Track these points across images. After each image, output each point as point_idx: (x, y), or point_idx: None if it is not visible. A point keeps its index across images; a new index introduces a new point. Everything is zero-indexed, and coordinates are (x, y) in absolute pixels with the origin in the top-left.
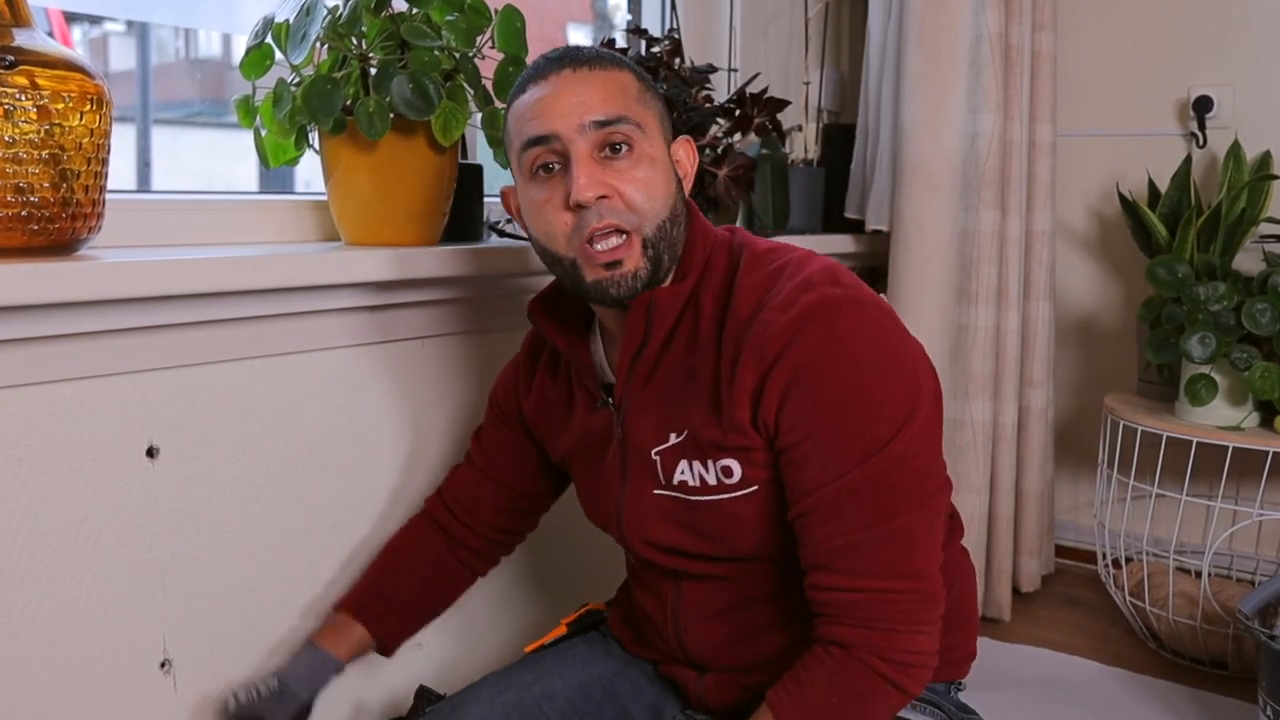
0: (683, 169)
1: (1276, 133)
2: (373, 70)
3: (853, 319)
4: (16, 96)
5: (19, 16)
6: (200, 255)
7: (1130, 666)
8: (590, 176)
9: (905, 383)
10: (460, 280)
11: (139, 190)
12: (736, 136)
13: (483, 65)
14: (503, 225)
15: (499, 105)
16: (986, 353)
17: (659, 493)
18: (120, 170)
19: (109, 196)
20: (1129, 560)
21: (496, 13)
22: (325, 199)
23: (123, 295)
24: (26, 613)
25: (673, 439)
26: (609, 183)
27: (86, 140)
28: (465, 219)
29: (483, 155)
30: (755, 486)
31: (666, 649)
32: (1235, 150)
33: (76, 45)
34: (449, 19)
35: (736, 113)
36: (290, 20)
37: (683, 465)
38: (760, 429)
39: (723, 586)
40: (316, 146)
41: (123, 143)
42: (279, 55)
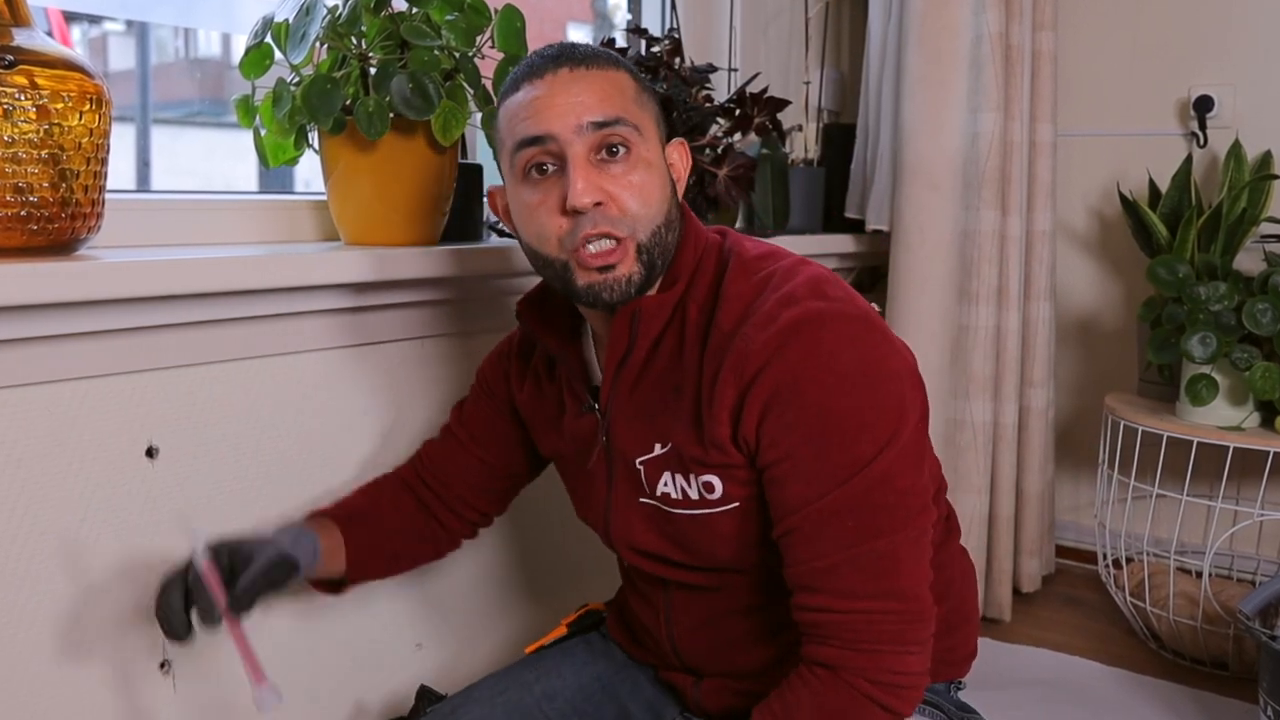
0: (677, 172)
1: (1277, 132)
2: (372, 70)
3: (836, 334)
4: (16, 96)
5: (18, 16)
6: (200, 255)
7: (1131, 667)
8: (587, 181)
9: (889, 401)
10: (460, 280)
11: (138, 190)
12: (737, 136)
13: (483, 65)
14: (502, 225)
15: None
16: (987, 353)
17: (644, 500)
18: (120, 170)
19: (108, 196)
20: (1129, 560)
21: (496, 12)
22: (325, 199)
23: (122, 295)
24: (26, 613)
25: (657, 450)
26: (605, 188)
27: (86, 140)
28: (465, 219)
29: (482, 155)
30: (736, 503)
31: (662, 654)
32: (1236, 150)
33: (76, 45)
34: (449, 18)
35: (736, 112)
36: (290, 20)
37: (666, 477)
38: (741, 446)
39: (709, 596)
40: (316, 146)
41: (122, 142)
42: (278, 55)
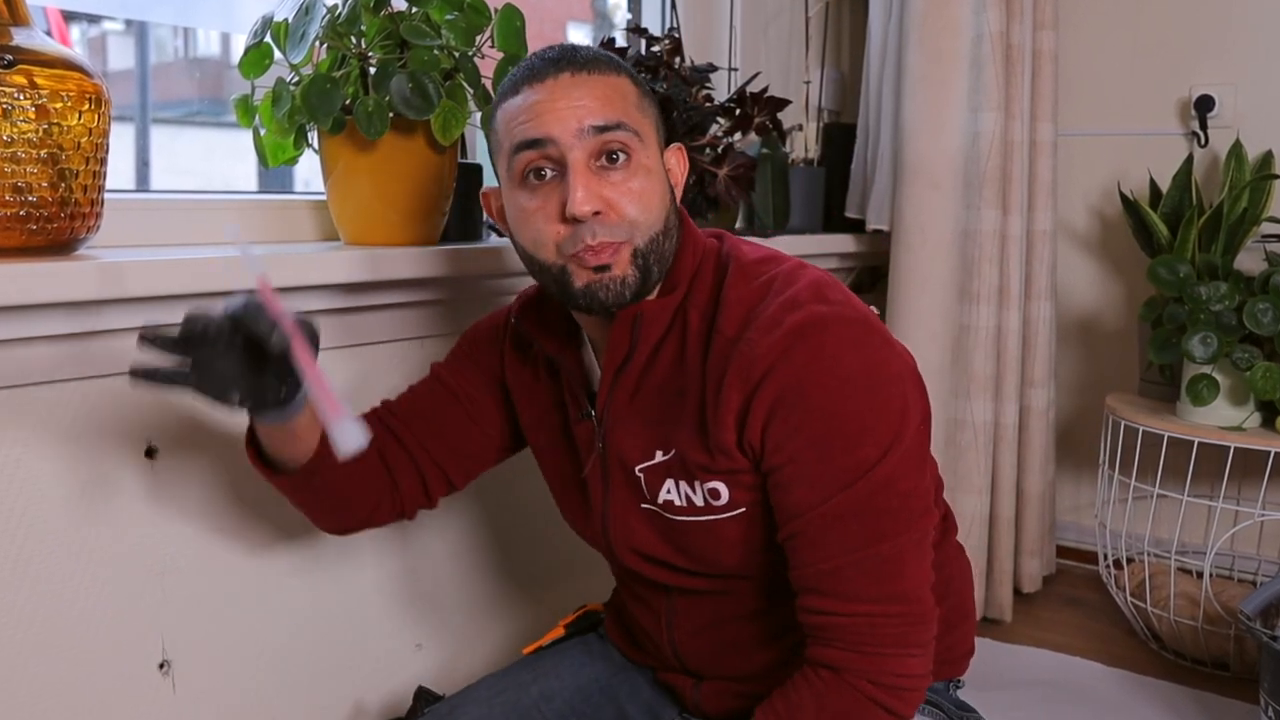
0: (675, 178)
1: (1278, 132)
2: (372, 69)
3: (839, 338)
4: (15, 96)
5: (17, 15)
6: (199, 255)
7: (1131, 667)
8: (587, 189)
9: (892, 404)
10: (459, 280)
11: (138, 190)
12: (737, 136)
13: (482, 64)
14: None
15: None
16: (988, 352)
17: (645, 507)
18: (119, 169)
19: (107, 196)
20: (1130, 561)
21: (496, 12)
22: (324, 198)
23: (122, 295)
24: (25, 613)
25: (658, 457)
26: (605, 195)
27: (85, 139)
28: (465, 219)
29: (482, 155)
30: (743, 509)
31: (662, 657)
32: (1237, 149)
33: (75, 44)
34: (448, 18)
35: (737, 112)
36: (289, 19)
37: (668, 485)
38: (746, 451)
39: (712, 601)
40: (315, 146)
41: (121, 142)
42: (278, 54)
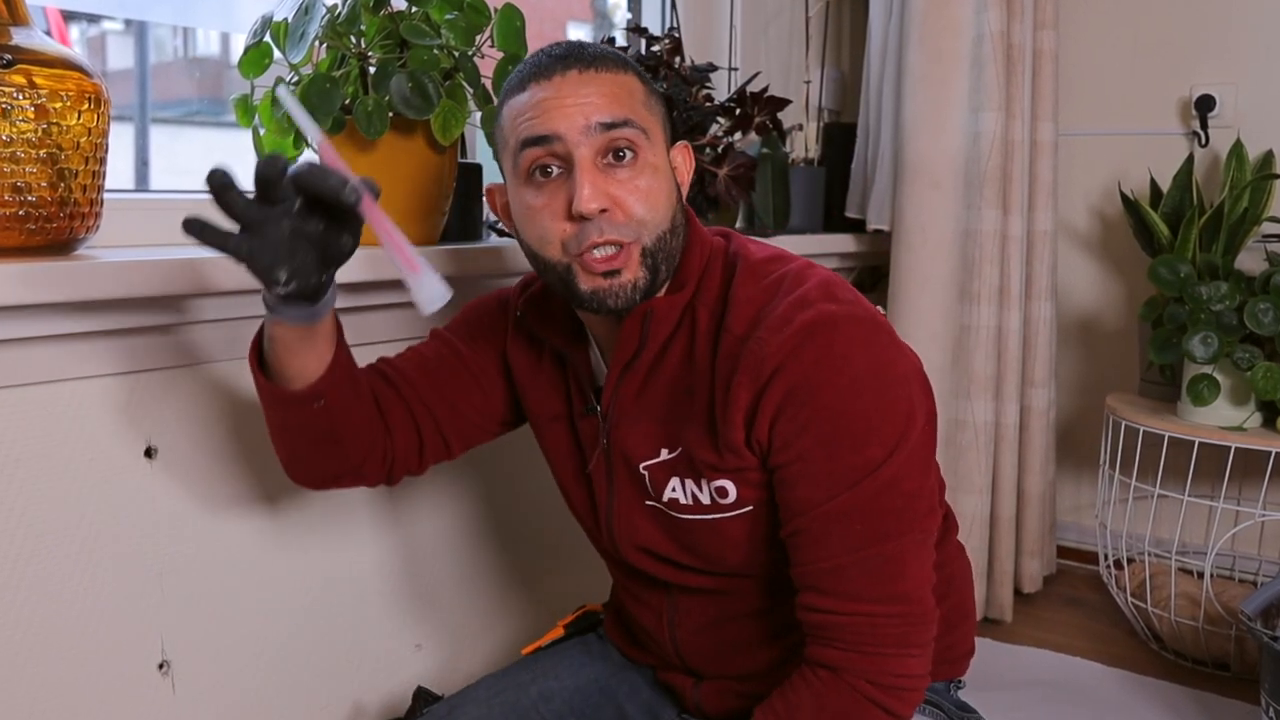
0: (681, 176)
1: (1279, 131)
2: (371, 69)
3: (849, 337)
4: (14, 95)
5: (16, 15)
6: (199, 255)
7: (1132, 667)
8: (594, 187)
9: (900, 404)
10: (459, 280)
11: (137, 189)
12: (737, 135)
13: (482, 64)
14: (502, 224)
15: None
16: (988, 352)
17: (649, 504)
18: (118, 169)
19: (107, 196)
20: (1131, 561)
21: (496, 11)
22: None
23: (121, 295)
24: (24, 614)
25: (664, 454)
26: (611, 193)
27: (84, 139)
28: (464, 218)
29: (482, 154)
30: (750, 507)
31: (662, 655)
32: (1238, 149)
33: (74, 44)
34: (448, 17)
35: (737, 112)
36: (289, 19)
37: (674, 483)
38: (754, 448)
39: (715, 599)
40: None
41: (121, 142)
42: (277, 54)
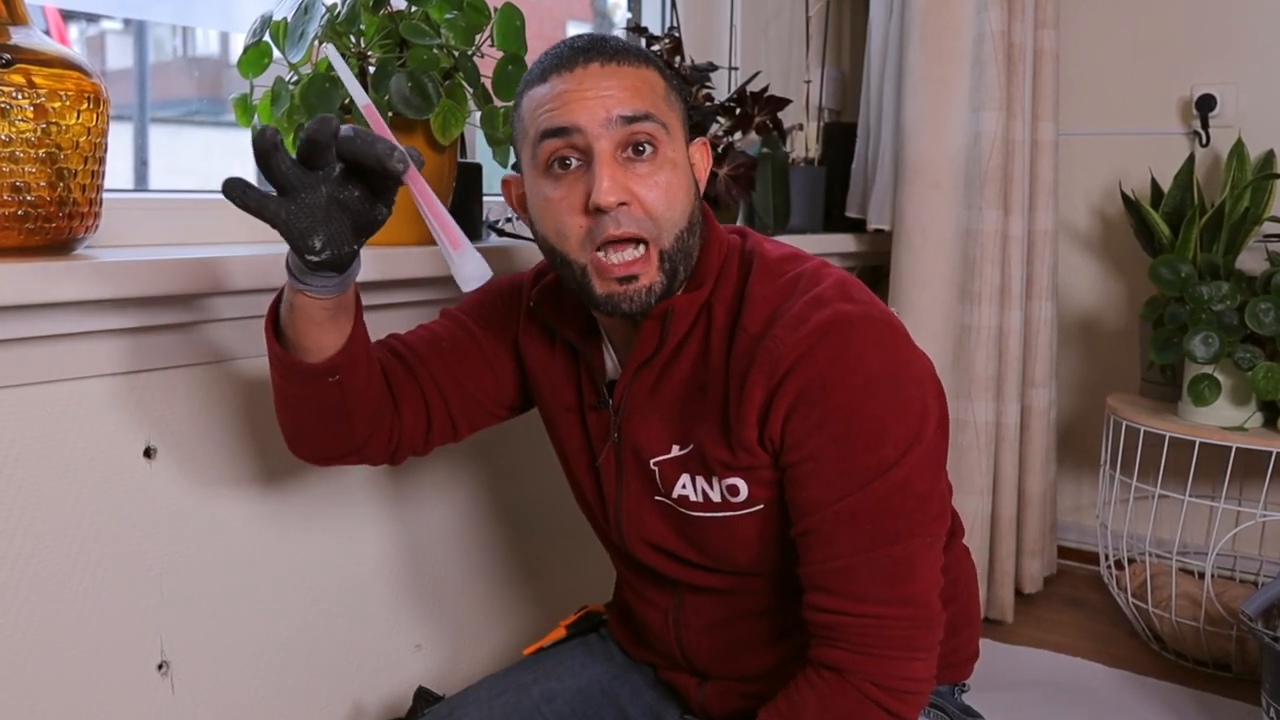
0: (698, 173)
1: None
2: (371, 69)
3: (864, 337)
4: (13, 95)
5: (16, 14)
6: (198, 255)
7: (1133, 668)
8: (613, 180)
9: (913, 406)
10: (448, 280)
11: (136, 189)
12: (737, 135)
13: (482, 64)
14: (502, 224)
15: (498, 104)
16: (989, 353)
17: (659, 499)
18: (117, 169)
19: (106, 195)
20: (1131, 561)
21: (496, 11)
22: None
23: (120, 295)
24: (23, 614)
25: (675, 451)
26: (630, 188)
27: (83, 139)
28: (464, 218)
29: (481, 154)
30: (761, 505)
31: (667, 654)
32: (1239, 149)
33: (74, 43)
34: (448, 17)
35: (737, 111)
36: (288, 18)
37: (684, 479)
38: (767, 446)
39: (722, 598)
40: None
41: (120, 141)
42: (277, 54)
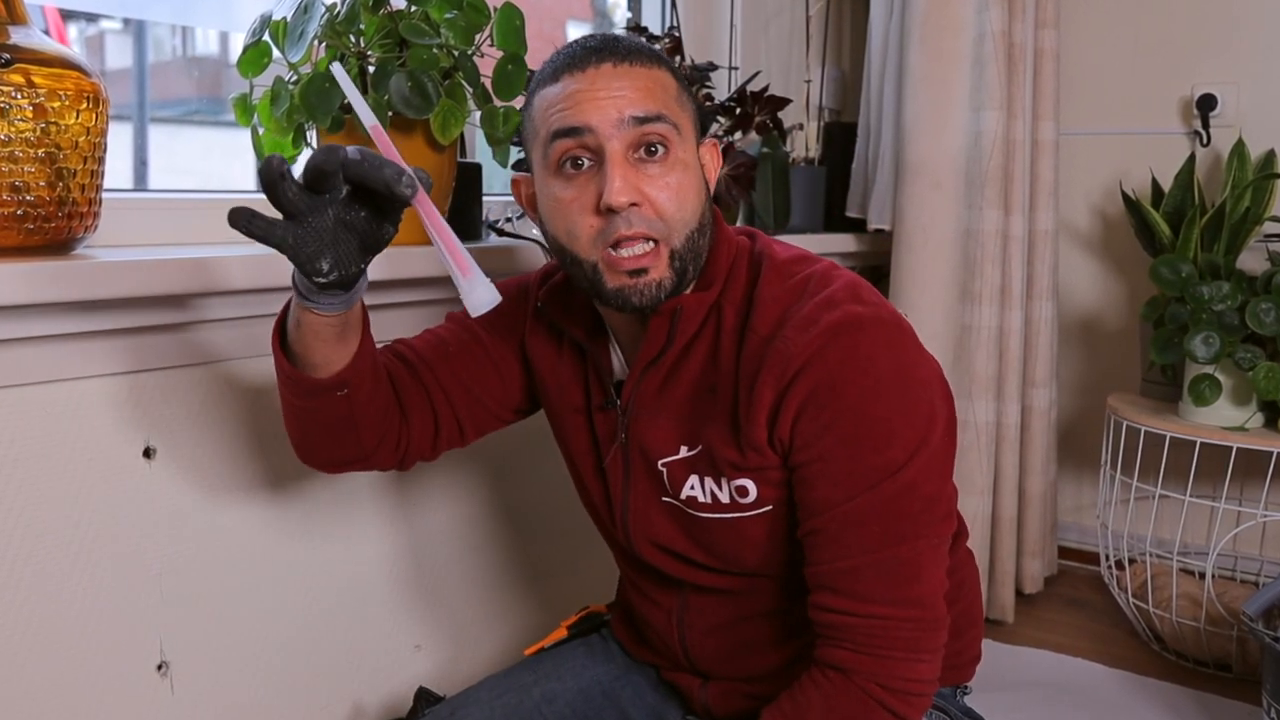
0: (709, 173)
1: None
2: (371, 68)
3: (874, 339)
4: (12, 95)
5: (15, 14)
6: (197, 254)
7: (1133, 668)
8: (624, 180)
9: (921, 408)
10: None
11: (136, 189)
12: (737, 135)
13: (482, 63)
14: (501, 224)
15: (498, 104)
16: (990, 352)
17: (666, 500)
18: (117, 169)
19: (105, 195)
20: (1132, 562)
21: (495, 10)
22: None
23: (119, 295)
24: (22, 615)
25: (683, 452)
26: (642, 189)
27: (83, 139)
28: (464, 218)
29: (481, 154)
30: (770, 506)
31: (670, 655)
32: (1239, 149)
33: (73, 43)
34: (448, 16)
35: (737, 111)
36: (288, 18)
37: (692, 480)
38: (776, 446)
39: (728, 599)
40: (314, 145)
41: (119, 141)
42: (276, 53)
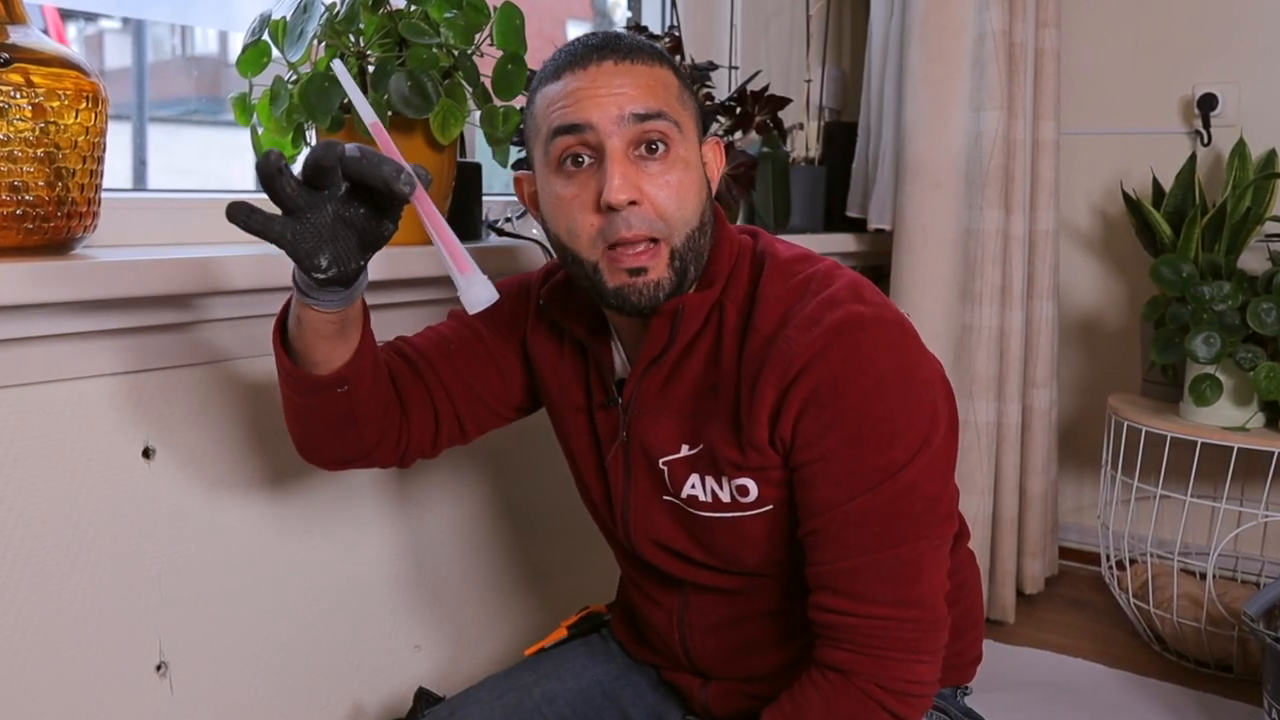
0: (711, 172)
1: None
2: (370, 68)
3: (876, 339)
4: (11, 94)
5: (14, 14)
6: (197, 254)
7: (1134, 669)
8: (624, 178)
9: (924, 408)
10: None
11: (135, 189)
12: (737, 135)
13: (481, 63)
14: (501, 224)
15: (498, 103)
16: (990, 352)
17: (667, 499)
18: (116, 168)
19: (104, 195)
20: (1133, 562)
21: (495, 10)
22: None
23: (119, 295)
24: (21, 615)
25: (684, 450)
26: (642, 187)
27: (82, 138)
28: (464, 218)
29: (481, 154)
30: (771, 506)
31: (671, 655)
32: (1240, 148)
33: (72, 43)
34: (447, 16)
35: (737, 111)
36: (287, 17)
37: (693, 479)
38: (777, 446)
39: (728, 598)
40: (313, 145)
41: (118, 141)
42: (276, 53)
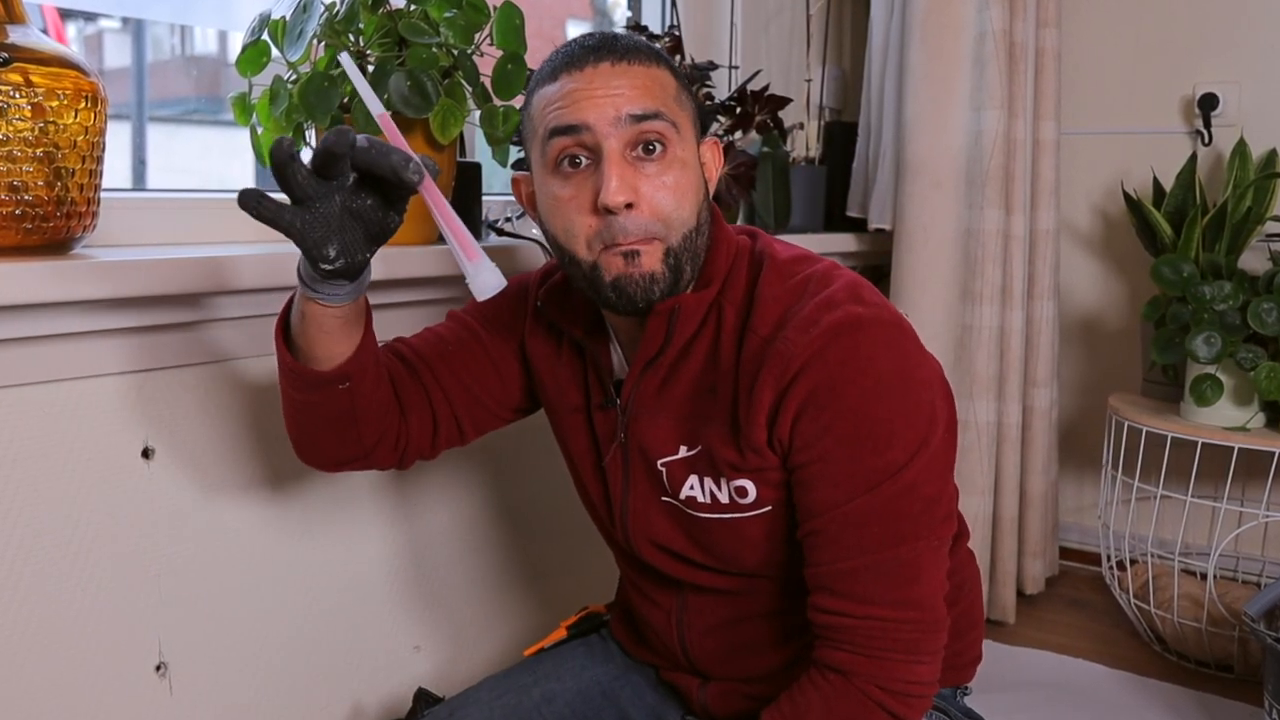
0: (708, 172)
1: None
2: (370, 67)
3: (874, 340)
4: (10, 94)
5: (13, 13)
6: (196, 254)
7: (1135, 669)
8: (621, 179)
9: (922, 409)
10: (454, 279)
11: (134, 188)
12: (738, 134)
13: (481, 62)
14: (501, 224)
15: (497, 103)
16: (990, 352)
17: (666, 500)
18: (115, 168)
19: (104, 195)
20: (1133, 562)
21: (495, 9)
22: None
23: (118, 295)
24: (20, 615)
25: (683, 451)
26: (639, 188)
27: (81, 138)
28: (464, 218)
29: (481, 153)
30: (769, 507)
31: (670, 655)
32: (1241, 148)
33: (71, 42)
34: (447, 15)
35: (737, 110)
36: (287, 17)
37: (692, 480)
38: (775, 447)
39: (727, 599)
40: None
41: (118, 140)
42: (275, 52)
